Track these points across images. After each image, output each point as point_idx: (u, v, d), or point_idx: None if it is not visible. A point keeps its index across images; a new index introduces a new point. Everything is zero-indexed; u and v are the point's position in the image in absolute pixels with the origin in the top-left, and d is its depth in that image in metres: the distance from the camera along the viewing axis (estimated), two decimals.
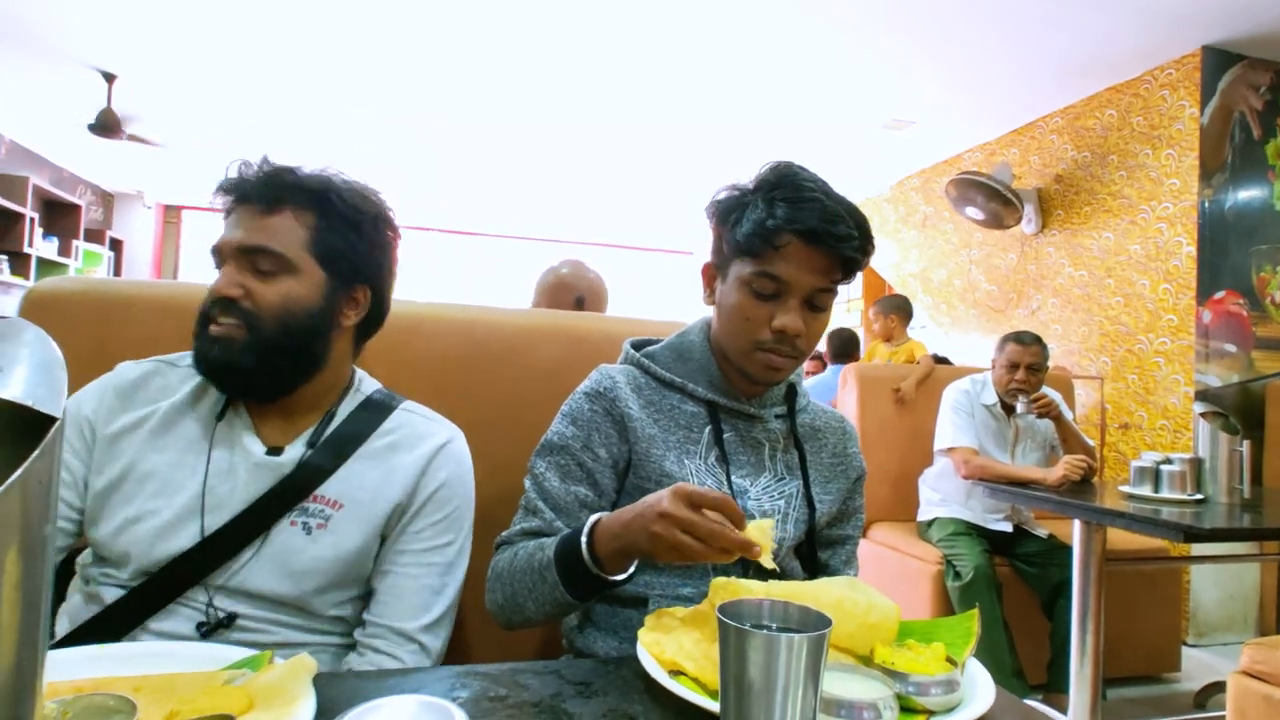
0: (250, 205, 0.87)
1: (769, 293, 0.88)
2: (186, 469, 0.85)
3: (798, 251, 0.86)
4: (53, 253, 5.72)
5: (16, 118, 4.97)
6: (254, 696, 0.57)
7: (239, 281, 0.85)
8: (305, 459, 0.87)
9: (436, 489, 0.91)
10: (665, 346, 1.02)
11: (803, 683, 0.51)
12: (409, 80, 4.02)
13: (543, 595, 0.81)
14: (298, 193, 0.87)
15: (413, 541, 0.89)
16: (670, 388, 0.97)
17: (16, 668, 0.30)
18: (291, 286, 0.86)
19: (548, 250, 7.64)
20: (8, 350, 0.34)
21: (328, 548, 0.85)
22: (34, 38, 3.67)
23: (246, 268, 0.85)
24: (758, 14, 3.13)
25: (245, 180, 0.87)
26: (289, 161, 0.91)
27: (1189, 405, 3.20)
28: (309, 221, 0.87)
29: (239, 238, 0.85)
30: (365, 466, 0.89)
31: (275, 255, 0.85)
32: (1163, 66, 3.43)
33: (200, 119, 4.82)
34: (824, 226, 0.85)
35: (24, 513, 0.29)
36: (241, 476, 0.85)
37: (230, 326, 0.84)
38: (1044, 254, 4.10)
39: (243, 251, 0.85)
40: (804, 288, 0.88)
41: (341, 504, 0.87)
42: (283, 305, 0.85)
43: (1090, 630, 1.97)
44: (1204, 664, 2.89)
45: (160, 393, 0.90)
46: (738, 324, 0.91)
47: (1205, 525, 1.71)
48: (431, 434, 0.94)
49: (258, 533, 0.83)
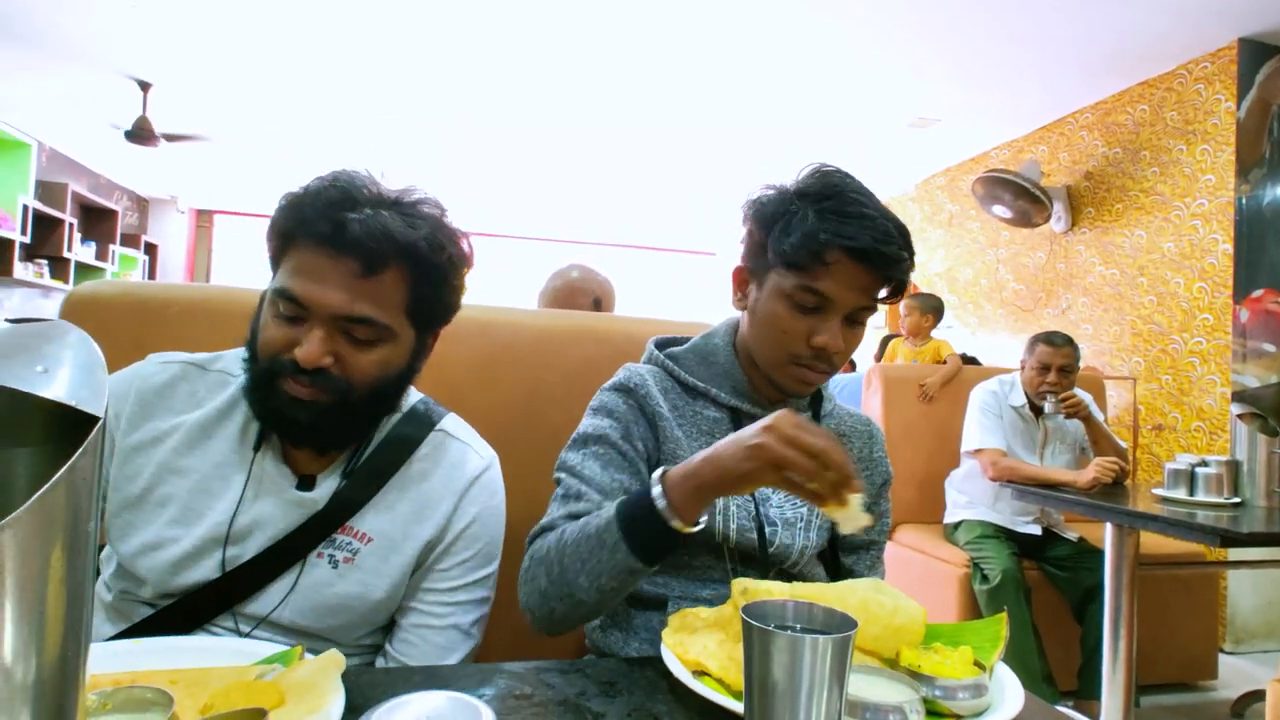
0: (347, 262, 0.75)
1: (810, 306, 0.85)
2: (209, 496, 0.80)
3: (845, 269, 0.83)
4: (90, 257, 5.87)
5: (56, 126, 5.12)
6: (285, 691, 0.58)
7: (331, 350, 0.76)
8: (338, 492, 0.81)
9: (468, 525, 0.86)
10: (689, 349, 0.99)
11: (828, 685, 0.50)
12: (431, 84, 4.07)
13: (599, 564, 0.74)
14: (401, 254, 0.77)
15: (440, 580, 0.85)
16: (693, 392, 0.95)
17: (62, 659, 0.31)
18: (388, 354, 0.80)
19: (564, 251, 7.67)
20: (52, 352, 0.35)
21: (355, 585, 0.80)
22: (72, 48, 3.77)
23: (339, 333, 0.77)
24: (780, 13, 3.12)
25: (342, 234, 0.74)
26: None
27: (1225, 406, 3.12)
28: (408, 280, 0.79)
29: (338, 304, 0.75)
30: (396, 497, 0.84)
31: (376, 326, 0.77)
32: (1197, 60, 3.35)
33: (232, 126, 4.92)
34: (876, 247, 0.82)
35: (69, 509, 0.30)
36: (268, 510, 0.80)
37: (314, 392, 0.76)
38: (1074, 252, 4.02)
39: (341, 318, 0.76)
40: (847, 305, 0.85)
41: (371, 538, 0.82)
42: (378, 374, 0.79)
43: (1123, 636, 1.93)
44: (1242, 672, 2.81)
45: (187, 402, 0.84)
46: (773, 335, 0.88)
47: (1243, 529, 1.67)
48: (465, 462, 0.88)
49: (283, 569, 0.79)
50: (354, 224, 0.75)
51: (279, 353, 0.77)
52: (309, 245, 0.76)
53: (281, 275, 0.78)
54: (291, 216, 0.77)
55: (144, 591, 0.79)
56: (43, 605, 0.30)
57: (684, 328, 1.20)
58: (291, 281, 0.76)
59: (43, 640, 0.30)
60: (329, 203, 0.76)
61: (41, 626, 0.30)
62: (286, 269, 0.77)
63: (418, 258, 0.78)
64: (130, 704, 0.53)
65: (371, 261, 0.75)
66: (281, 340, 0.77)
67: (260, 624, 0.79)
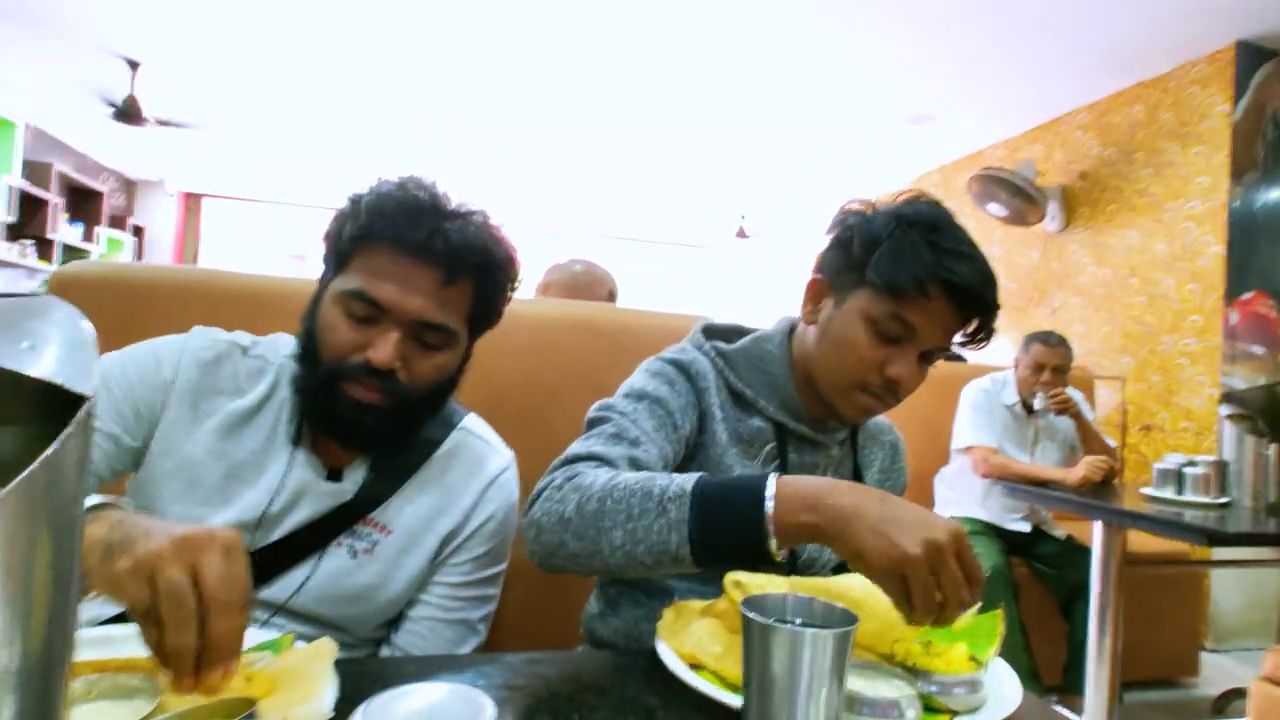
0: (432, 270, 0.77)
1: (893, 336, 0.82)
2: (241, 483, 0.81)
3: (941, 305, 0.81)
4: (77, 239, 5.79)
5: (42, 105, 5.03)
6: (275, 679, 0.57)
7: (403, 353, 0.78)
8: (366, 484, 0.83)
9: (484, 522, 0.87)
10: (741, 351, 0.94)
11: (827, 679, 0.50)
12: (428, 70, 4.02)
13: (644, 530, 0.64)
14: (479, 266, 0.81)
15: (453, 574, 0.86)
16: (740, 398, 0.91)
17: (47, 646, 0.30)
18: (448, 360, 0.82)
19: (558, 242, 7.64)
20: (38, 329, 0.33)
21: (373, 576, 0.81)
22: (59, 25, 3.70)
23: (411, 337, 0.78)
24: (778, 10, 3.10)
25: (434, 242, 0.77)
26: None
27: (1213, 407, 3.15)
28: (475, 290, 0.82)
29: (419, 309, 0.77)
30: (418, 492, 0.85)
31: (448, 333, 0.80)
32: (1194, 62, 3.36)
33: (222, 107, 4.86)
34: (979, 290, 0.81)
35: (55, 492, 0.29)
36: (300, 500, 0.81)
37: (380, 395, 0.77)
38: (1067, 252, 4.04)
39: (416, 324, 0.78)
40: (929, 341, 0.83)
41: (391, 530, 0.83)
42: (436, 378, 0.81)
43: (1108, 633, 1.95)
44: (1223, 669, 2.85)
45: (229, 383, 0.84)
46: (846, 359, 0.84)
47: (1230, 529, 1.68)
48: (486, 460, 0.90)
49: (305, 555, 0.80)
50: (450, 233, 0.77)
51: (348, 354, 0.77)
52: (392, 249, 0.77)
53: (357, 276, 0.78)
54: (375, 216, 0.78)
55: None
56: (28, 591, 0.29)
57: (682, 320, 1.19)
58: (371, 284, 0.77)
59: (28, 627, 0.29)
60: (420, 209, 0.78)
61: (27, 613, 0.29)
62: (362, 270, 0.78)
63: (492, 269, 0.82)
64: (115, 691, 0.52)
65: (454, 270, 0.78)
66: (352, 341, 0.77)
67: (278, 611, 0.79)
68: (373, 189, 0.80)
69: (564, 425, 0.97)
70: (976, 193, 4.14)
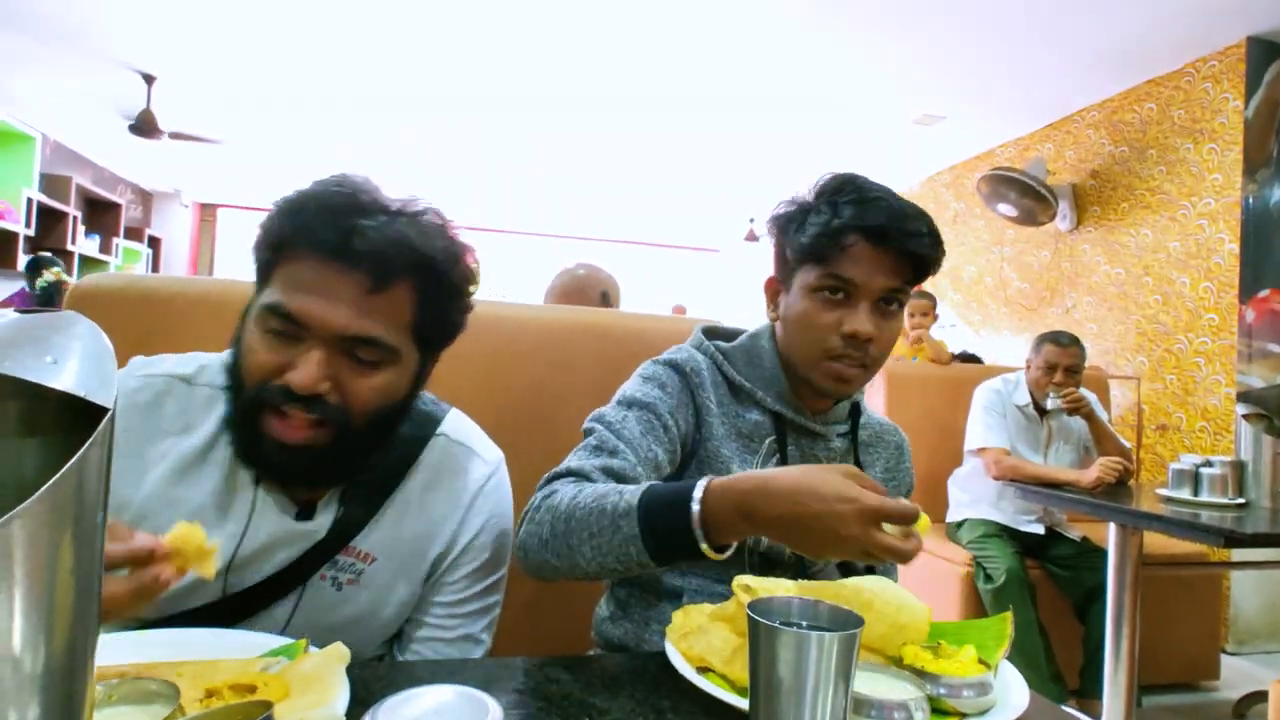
0: (356, 276, 0.68)
1: (836, 295, 0.86)
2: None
3: (865, 252, 0.84)
4: (94, 250, 5.88)
5: (60, 119, 5.12)
6: (290, 684, 0.58)
7: (330, 374, 0.68)
8: (338, 519, 0.76)
9: (474, 536, 0.82)
10: (738, 348, 0.97)
11: (833, 682, 0.50)
12: (438, 78, 4.06)
13: (608, 544, 0.69)
14: (414, 267, 0.71)
15: (449, 593, 0.81)
16: (739, 392, 0.93)
17: (70, 649, 0.31)
18: (391, 379, 0.72)
19: (571, 247, 7.66)
20: (61, 342, 0.35)
21: (361, 605, 0.76)
22: (77, 41, 3.77)
23: (341, 354, 0.69)
24: (786, 9, 3.10)
25: (352, 243, 0.67)
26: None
27: (1230, 407, 3.11)
28: (417, 297, 0.72)
29: (342, 322, 0.68)
30: (399, 513, 0.79)
31: (383, 347, 0.70)
32: (1205, 58, 3.34)
33: (236, 119, 4.92)
34: (893, 224, 0.83)
35: (78, 500, 0.30)
36: (269, 542, 0.74)
37: (309, 426, 0.69)
38: (1079, 251, 4.01)
39: (345, 338, 0.69)
40: (874, 289, 0.85)
41: (374, 557, 0.77)
42: (379, 402, 0.72)
43: (1125, 636, 1.93)
44: (1244, 673, 2.81)
45: (176, 422, 0.76)
46: (805, 332, 0.88)
47: (1247, 530, 1.66)
48: (469, 472, 0.83)
49: (282, 594, 0.75)
50: (368, 231, 0.67)
51: (268, 378, 0.68)
52: (310, 256, 0.68)
53: (274, 289, 0.69)
54: (290, 223, 0.69)
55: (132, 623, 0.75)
56: (52, 596, 0.30)
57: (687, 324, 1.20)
58: (287, 296, 0.68)
59: (52, 630, 0.30)
60: (336, 208, 0.69)
61: (50, 617, 0.30)
62: (281, 281, 0.69)
63: (432, 271, 0.72)
64: (136, 695, 0.53)
65: (382, 275, 0.68)
66: (272, 364, 0.68)
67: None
68: (299, 189, 0.72)
69: (572, 430, 0.97)
70: (986, 193, 4.13)
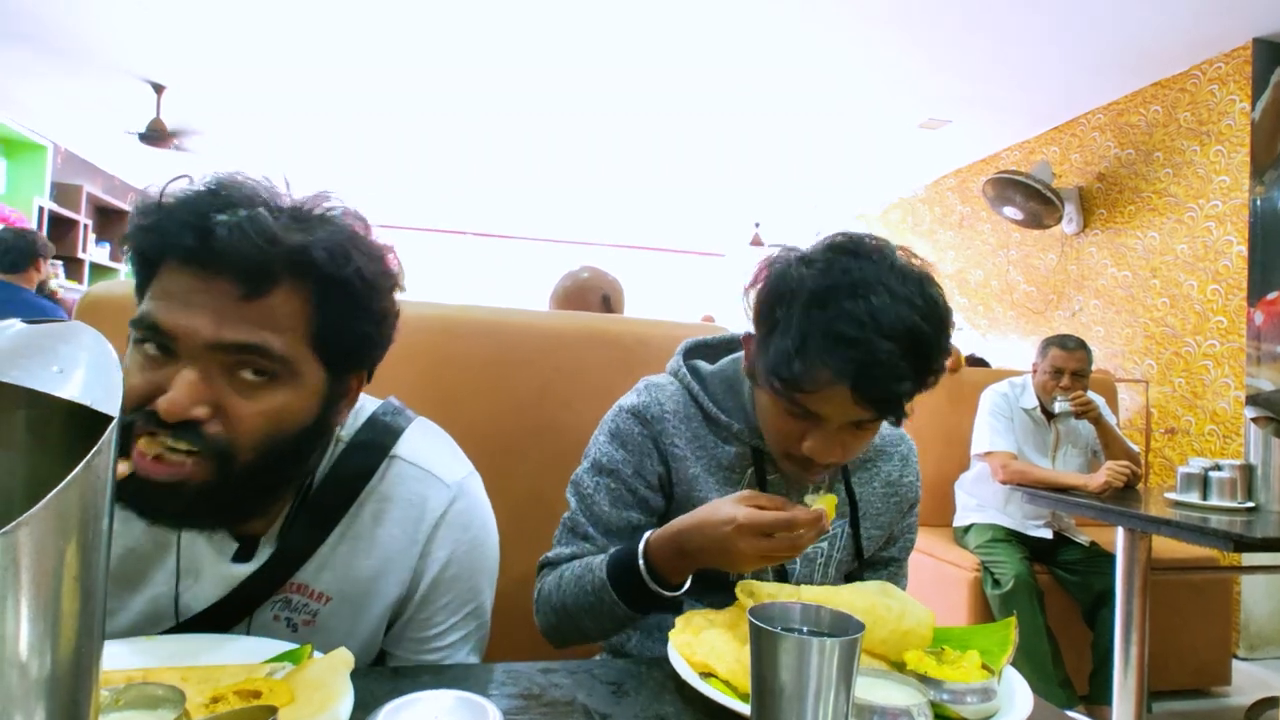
0: (222, 280, 0.59)
1: (800, 417, 0.77)
2: (145, 561, 0.68)
3: (837, 398, 0.73)
4: (104, 258, 5.92)
5: (72, 129, 5.17)
6: (295, 689, 0.59)
7: (207, 398, 0.59)
8: (275, 552, 0.69)
9: (440, 570, 0.74)
10: (718, 372, 0.92)
11: (834, 687, 0.50)
12: (446, 87, 4.08)
13: (600, 613, 0.80)
14: (295, 267, 0.61)
15: (425, 629, 0.76)
16: (715, 424, 0.89)
17: (76, 655, 0.31)
18: (285, 401, 0.62)
19: (575, 252, 7.68)
20: (68, 353, 0.35)
21: (323, 648, 0.67)
22: (88, 52, 3.81)
23: (221, 373, 0.60)
24: (791, 12, 3.11)
25: (211, 245, 0.58)
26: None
27: (1239, 410, 3.09)
28: (308, 302, 0.62)
29: (210, 331, 0.58)
30: (351, 549, 0.71)
31: (270, 356, 0.60)
32: (1211, 60, 3.32)
33: (244, 127, 4.96)
34: (865, 390, 0.71)
35: (83, 508, 0.31)
36: (207, 587, 0.69)
37: (180, 461, 0.59)
38: (1085, 254, 4.00)
39: (219, 349, 0.59)
40: (843, 422, 0.76)
41: (329, 597, 0.71)
42: (272, 426, 0.61)
43: (1135, 641, 1.92)
44: (1256, 678, 2.78)
45: None
46: (769, 430, 0.82)
47: (1257, 534, 1.65)
48: (426, 498, 0.74)
49: (231, 625, 0.69)
50: (221, 227, 0.58)
51: (140, 404, 0.58)
52: (175, 265, 0.60)
53: (149, 296, 0.61)
54: (145, 230, 0.61)
55: None
56: (57, 602, 0.31)
57: (693, 329, 1.20)
58: (153, 306, 0.60)
59: (57, 637, 0.31)
60: (196, 208, 0.60)
61: (56, 623, 0.30)
62: (154, 289, 0.61)
63: (315, 270, 0.61)
64: (142, 701, 0.54)
65: (252, 276, 0.59)
66: (142, 387, 0.59)
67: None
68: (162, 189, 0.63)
69: (578, 436, 0.98)
70: (992, 196, 4.12)
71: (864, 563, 0.95)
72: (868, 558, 0.95)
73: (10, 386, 0.32)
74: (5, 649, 0.29)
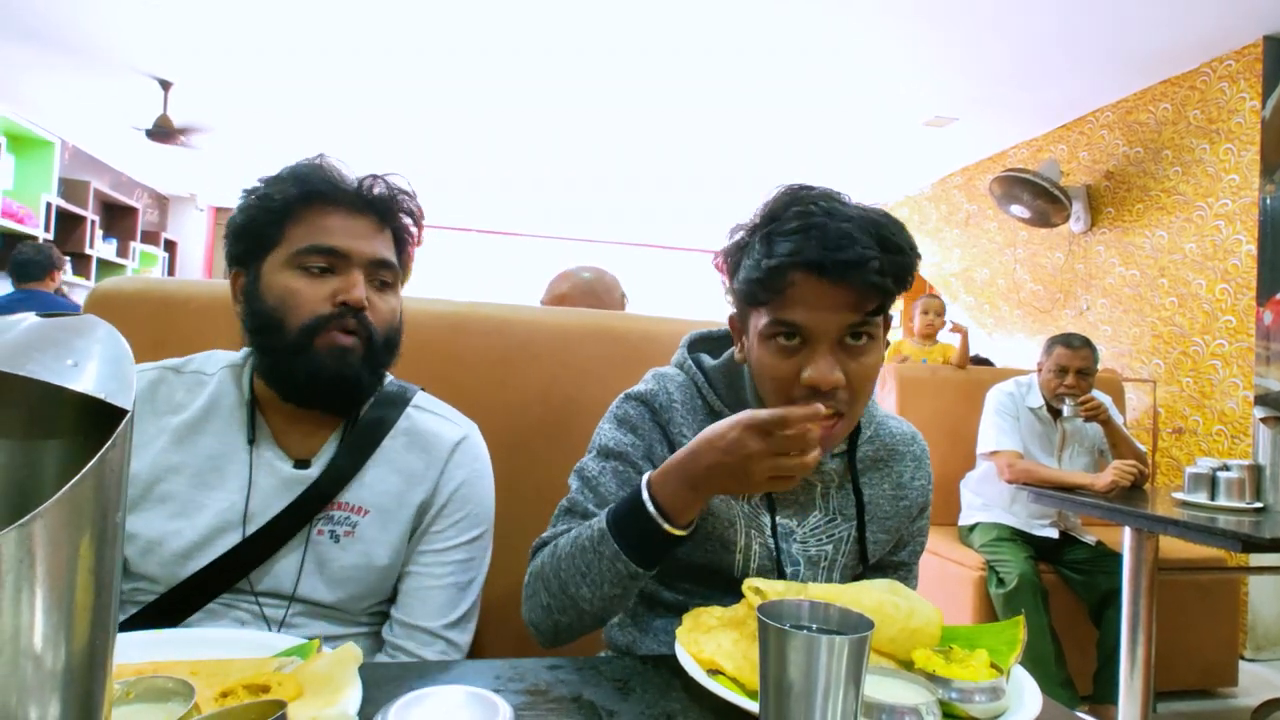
0: (367, 217, 0.86)
1: (792, 342, 0.75)
2: (207, 487, 0.83)
3: (811, 290, 0.73)
4: (112, 254, 5.94)
5: (80, 125, 5.19)
6: (303, 683, 0.59)
7: (366, 294, 0.84)
8: (330, 464, 0.86)
9: (457, 488, 0.91)
10: (721, 366, 0.91)
11: (843, 685, 0.50)
12: (451, 83, 4.09)
13: (600, 573, 0.74)
14: (402, 213, 0.90)
15: (435, 541, 0.89)
16: (720, 418, 0.85)
17: (90, 647, 0.31)
18: (397, 301, 0.90)
19: (578, 250, 7.68)
20: (81, 346, 0.35)
21: (359, 556, 0.85)
22: (95, 49, 3.83)
23: (369, 279, 0.85)
24: (798, 10, 3.10)
25: (363, 194, 0.87)
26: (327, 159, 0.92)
27: (1248, 410, 3.08)
28: (396, 237, 0.90)
29: (373, 250, 0.85)
30: (384, 471, 0.88)
31: (395, 270, 0.88)
32: (1221, 58, 3.30)
33: (251, 124, 4.97)
34: (830, 255, 0.71)
35: (98, 501, 0.31)
36: (271, 492, 0.84)
37: (356, 340, 0.83)
38: (1093, 253, 3.98)
39: (373, 264, 0.85)
40: (830, 330, 0.74)
41: (367, 510, 0.86)
42: (391, 320, 0.88)
43: (1141, 641, 1.91)
44: (1263, 679, 2.77)
45: (168, 404, 0.87)
46: (769, 384, 0.79)
47: (1265, 535, 1.64)
48: (442, 432, 0.93)
49: (283, 542, 0.83)
50: (376, 184, 0.87)
51: (318, 307, 0.82)
52: (327, 206, 0.85)
53: (299, 238, 0.84)
54: (299, 188, 0.85)
55: (156, 587, 0.81)
56: (72, 594, 0.31)
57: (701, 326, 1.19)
58: (325, 237, 0.84)
59: (71, 628, 0.31)
60: (339, 175, 0.87)
61: (70, 615, 0.31)
62: (306, 230, 0.84)
63: (409, 215, 0.91)
64: (152, 693, 0.54)
65: (384, 217, 0.88)
66: (320, 294, 0.83)
67: (278, 599, 0.83)
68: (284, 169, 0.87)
69: (584, 432, 0.97)
70: (999, 195, 4.10)
71: (870, 567, 0.92)
72: (874, 562, 0.93)
73: (25, 379, 0.32)
74: (20, 640, 0.29)
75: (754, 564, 0.85)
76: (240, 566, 0.81)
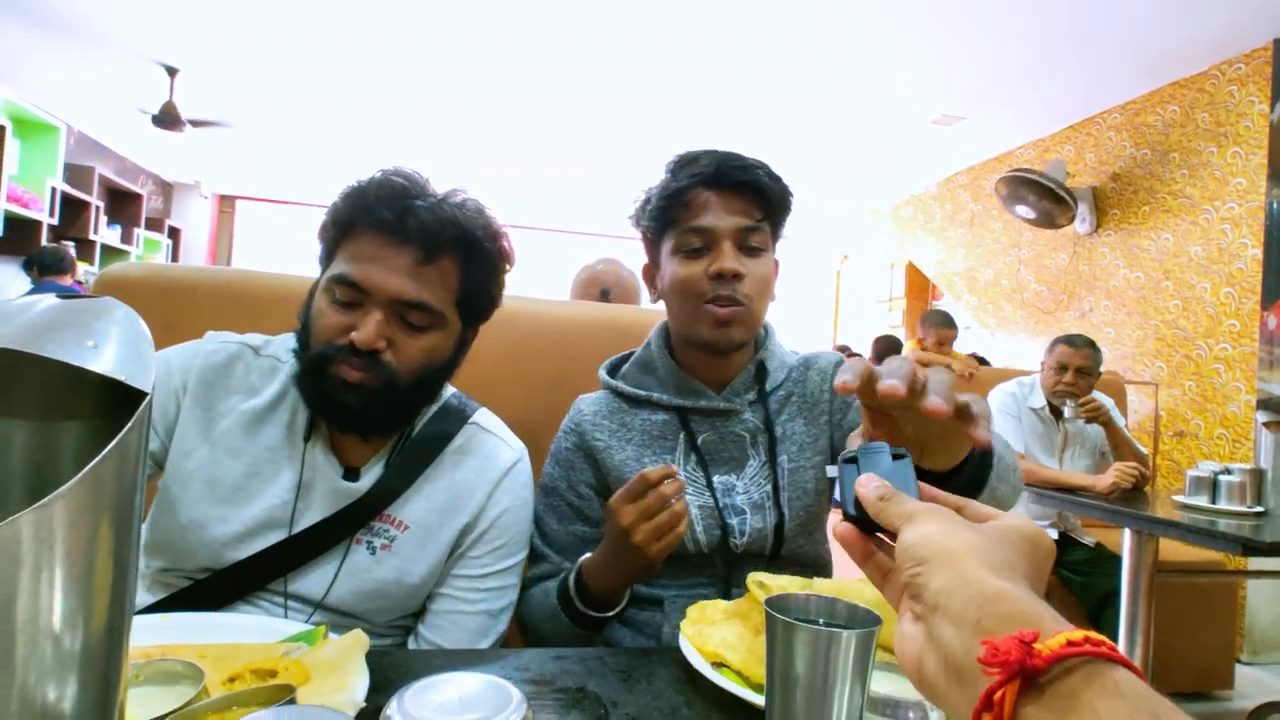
0: (409, 249, 0.79)
1: (699, 247, 0.90)
2: (260, 480, 0.82)
3: (710, 199, 0.90)
4: (116, 240, 5.94)
5: (85, 110, 5.18)
6: (310, 669, 0.59)
7: (385, 334, 0.79)
8: (379, 480, 0.84)
9: (500, 514, 0.88)
10: (633, 362, 1.02)
11: (850, 679, 0.50)
12: (462, 70, 4.07)
13: (562, 635, 0.85)
14: (458, 243, 0.82)
15: (471, 566, 0.87)
16: (637, 402, 0.98)
17: (108, 628, 0.31)
18: (436, 342, 0.83)
19: (592, 244, 7.66)
20: (100, 327, 0.35)
21: (393, 571, 0.83)
22: (101, 34, 3.81)
23: (394, 318, 0.79)
24: (804, 8, 3.09)
25: (406, 221, 0.78)
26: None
27: (1250, 414, 3.08)
28: (459, 271, 0.83)
29: (398, 288, 0.78)
30: (433, 488, 0.86)
31: (432, 312, 0.81)
32: (1231, 61, 3.29)
33: (256, 112, 4.96)
34: (725, 167, 0.89)
35: (117, 483, 0.31)
36: (317, 497, 0.83)
37: (366, 376, 0.78)
38: (1098, 254, 3.97)
39: (398, 303, 0.79)
40: (729, 230, 0.89)
41: (407, 525, 0.84)
42: (425, 361, 0.82)
43: (1139, 643, 1.91)
44: (1259, 683, 2.78)
45: (242, 384, 0.86)
46: (678, 291, 0.92)
47: (1265, 539, 1.64)
48: (498, 454, 0.90)
49: (323, 550, 0.81)
50: (420, 210, 0.79)
51: (334, 338, 0.79)
52: (370, 232, 0.80)
53: (339, 262, 0.81)
54: (355, 204, 0.81)
55: (189, 565, 0.80)
56: (91, 576, 0.31)
57: None
58: (351, 267, 0.79)
59: (90, 610, 0.31)
60: (394, 192, 0.80)
61: (89, 596, 0.31)
62: (345, 256, 0.80)
63: (473, 246, 0.83)
64: (161, 676, 0.54)
65: (431, 248, 0.79)
66: (338, 325, 0.79)
67: (306, 604, 0.81)
68: (361, 179, 0.83)
69: None
70: (1005, 195, 4.09)
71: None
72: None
73: (44, 360, 0.33)
74: (40, 621, 0.29)
75: (700, 529, 0.91)
76: (280, 566, 0.80)
